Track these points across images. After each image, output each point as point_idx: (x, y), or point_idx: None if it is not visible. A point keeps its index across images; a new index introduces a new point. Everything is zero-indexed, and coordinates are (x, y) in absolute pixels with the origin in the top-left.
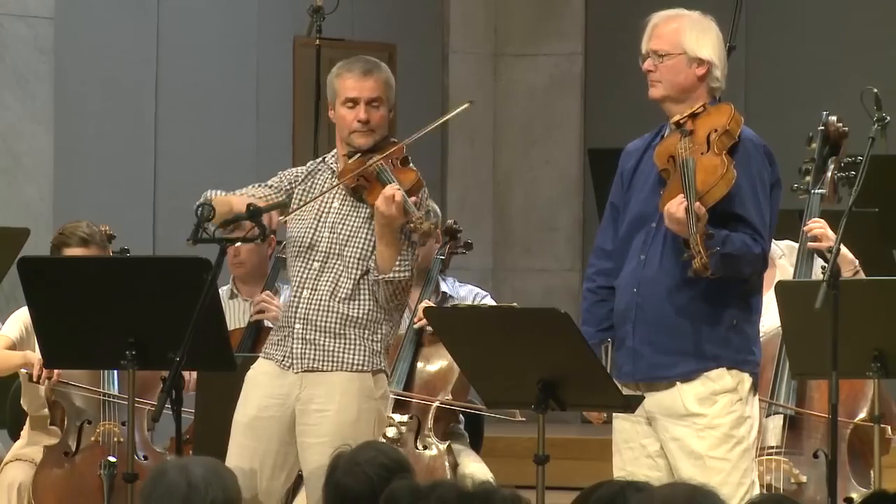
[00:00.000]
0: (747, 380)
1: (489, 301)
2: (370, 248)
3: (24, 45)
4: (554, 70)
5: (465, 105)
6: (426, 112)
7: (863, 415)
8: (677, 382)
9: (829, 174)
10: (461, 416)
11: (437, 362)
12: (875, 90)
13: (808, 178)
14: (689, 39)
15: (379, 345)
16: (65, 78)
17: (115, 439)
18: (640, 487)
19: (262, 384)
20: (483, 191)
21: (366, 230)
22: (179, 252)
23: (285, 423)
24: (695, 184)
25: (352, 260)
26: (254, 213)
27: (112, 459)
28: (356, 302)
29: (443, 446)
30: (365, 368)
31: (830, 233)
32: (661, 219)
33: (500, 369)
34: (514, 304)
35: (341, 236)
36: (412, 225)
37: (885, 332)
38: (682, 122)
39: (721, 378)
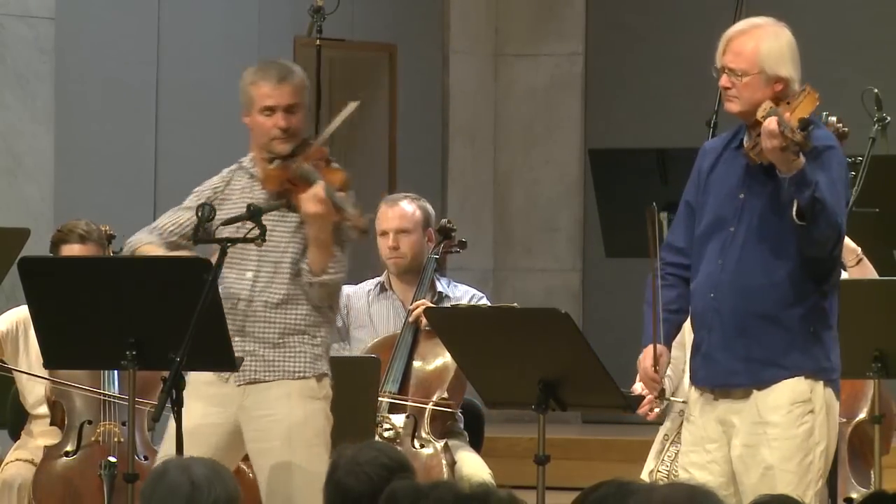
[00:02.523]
0: (821, 389)
1: (485, 302)
2: (301, 252)
3: (24, 46)
4: (554, 70)
5: (354, 105)
6: (426, 112)
7: (862, 415)
8: (753, 390)
9: None
10: (460, 415)
11: (432, 361)
12: (875, 90)
13: None
14: (767, 59)
15: (320, 349)
16: (65, 78)
17: (116, 439)
18: (640, 487)
19: (200, 393)
20: (483, 191)
21: (295, 234)
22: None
23: (225, 431)
24: (782, 118)
25: (284, 266)
26: (254, 213)
27: (112, 460)
28: (292, 308)
29: (440, 445)
30: (307, 375)
31: None
32: (740, 222)
33: (501, 369)
34: (515, 304)
35: (271, 243)
36: (350, 222)
37: (886, 332)
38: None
39: (797, 387)
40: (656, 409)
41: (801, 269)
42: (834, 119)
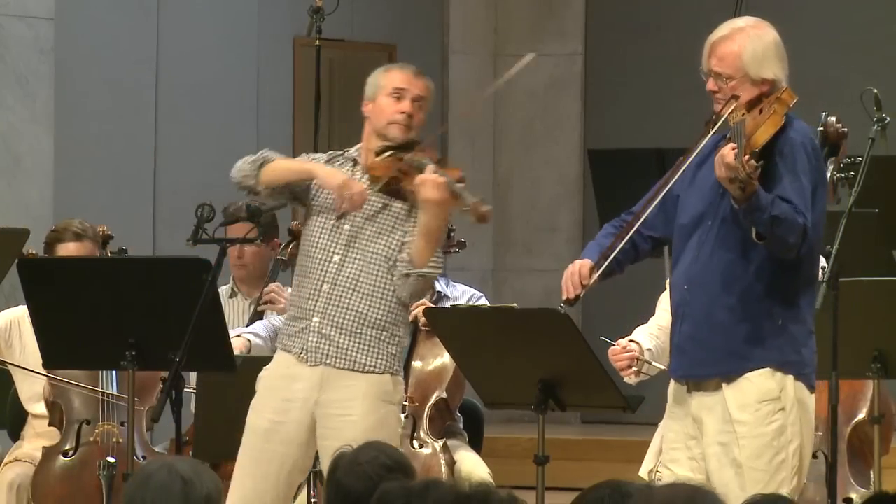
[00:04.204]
0: (791, 384)
1: (484, 302)
2: (395, 246)
3: (24, 46)
4: (554, 70)
5: (530, 57)
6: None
7: (862, 415)
8: (722, 384)
9: (828, 174)
10: (459, 415)
11: (431, 361)
12: (875, 91)
13: None
14: (751, 63)
15: (395, 348)
16: (65, 78)
17: (114, 440)
18: (640, 488)
19: (278, 387)
20: (483, 191)
21: (392, 226)
22: (179, 252)
23: (305, 426)
24: (744, 133)
25: (375, 257)
26: (254, 213)
27: (111, 460)
28: (376, 301)
29: (438, 444)
30: (377, 371)
31: None
32: (716, 216)
33: (500, 369)
34: (514, 304)
35: (365, 232)
36: (468, 208)
37: (885, 332)
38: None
39: (765, 381)
40: (634, 368)
41: (772, 265)
42: (833, 119)
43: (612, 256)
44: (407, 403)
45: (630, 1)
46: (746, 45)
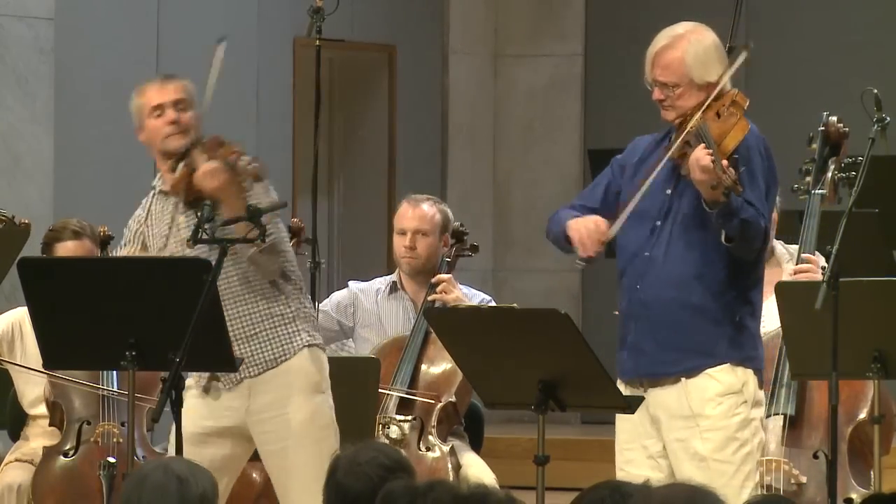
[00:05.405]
0: (752, 379)
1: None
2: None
3: (24, 46)
4: (554, 70)
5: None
6: (426, 112)
7: (863, 415)
8: (682, 379)
9: (829, 175)
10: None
11: (441, 364)
12: (875, 91)
13: (808, 179)
14: (694, 69)
15: (294, 324)
16: (65, 78)
17: (115, 440)
18: (639, 488)
19: (198, 405)
20: (483, 191)
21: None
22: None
23: (235, 434)
24: (712, 137)
25: (227, 266)
26: (254, 213)
27: (111, 460)
28: (250, 299)
29: (446, 448)
30: (287, 356)
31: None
32: (666, 217)
33: (500, 370)
34: (515, 304)
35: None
36: (240, 162)
37: (885, 332)
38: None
39: (726, 377)
40: None
41: (727, 262)
42: (834, 119)
43: (624, 217)
44: (418, 402)
45: (630, 1)
46: (688, 50)
